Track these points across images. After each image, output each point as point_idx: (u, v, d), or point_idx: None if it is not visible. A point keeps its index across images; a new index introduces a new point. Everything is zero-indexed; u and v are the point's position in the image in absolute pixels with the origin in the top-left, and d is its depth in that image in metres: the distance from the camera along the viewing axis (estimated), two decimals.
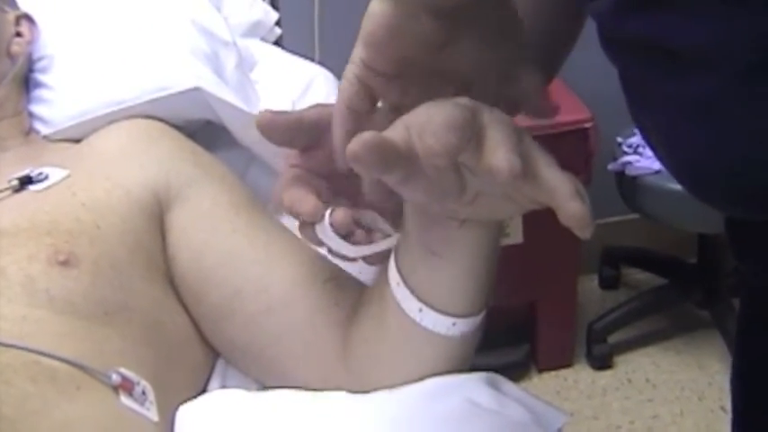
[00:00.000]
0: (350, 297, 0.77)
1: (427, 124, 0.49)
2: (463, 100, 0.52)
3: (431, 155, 0.48)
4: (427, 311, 0.66)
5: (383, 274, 0.70)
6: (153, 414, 0.72)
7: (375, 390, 0.70)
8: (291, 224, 0.90)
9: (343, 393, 0.72)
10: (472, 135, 0.49)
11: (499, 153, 0.48)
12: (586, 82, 1.93)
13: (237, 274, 0.80)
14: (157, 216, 0.84)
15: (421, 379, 0.69)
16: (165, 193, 0.85)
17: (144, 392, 0.72)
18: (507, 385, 0.72)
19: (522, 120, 0.59)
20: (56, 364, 0.68)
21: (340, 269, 0.81)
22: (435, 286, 0.66)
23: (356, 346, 0.74)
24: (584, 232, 0.49)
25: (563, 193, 0.49)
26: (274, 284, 0.79)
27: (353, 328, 0.74)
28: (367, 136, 0.48)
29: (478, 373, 0.71)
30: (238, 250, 0.81)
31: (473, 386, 0.69)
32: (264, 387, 0.80)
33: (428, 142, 0.48)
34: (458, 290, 0.66)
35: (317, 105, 0.64)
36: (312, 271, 0.80)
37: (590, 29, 0.68)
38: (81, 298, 0.74)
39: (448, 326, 0.66)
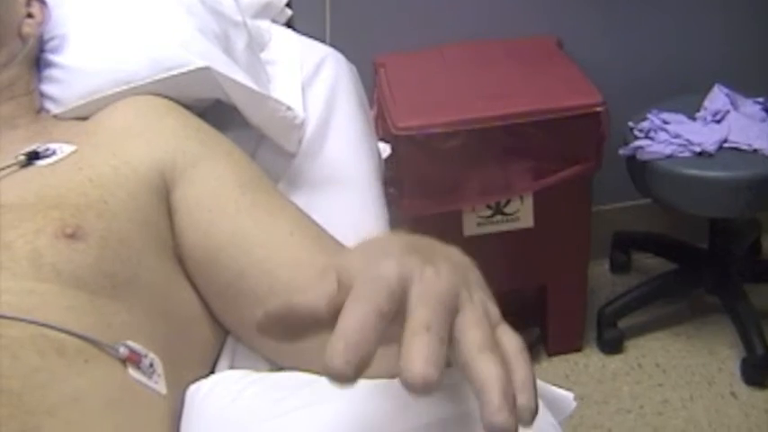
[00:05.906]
0: None
1: (353, 296, 0.45)
2: (393, 270, 0.46)
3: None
4: None
5: None
6: (161, 387, 0.72)
7: None
8: (301, 203, 0.91)
9: None
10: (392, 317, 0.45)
11: (415, 361, 0.42)
12: (598, 66, 1.92)
13: (242, 255, 0.81)
14: (164, 195, 0.85)
15: None
16: (171, 172, 0.85)
17: (152, 365, 0.72)
18: None
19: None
20: (63, 337, 0.68)
21: (344, 250, 0.81)
22: None
23: None
24: None
25: (488, 402, 0.42)
26: (278, 267, 0.79)
27: None
28: (273, 309, 0.49)
29: None
30: (243, 232, 0.82)
31: None
32: (274, 366, 0.81)
33: (336, 344, 0.44)
34: None
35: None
36: (314, 255, 0.80)
37: (609, 15, 0.68)
38: (88, 271, 0.74)
39: None
